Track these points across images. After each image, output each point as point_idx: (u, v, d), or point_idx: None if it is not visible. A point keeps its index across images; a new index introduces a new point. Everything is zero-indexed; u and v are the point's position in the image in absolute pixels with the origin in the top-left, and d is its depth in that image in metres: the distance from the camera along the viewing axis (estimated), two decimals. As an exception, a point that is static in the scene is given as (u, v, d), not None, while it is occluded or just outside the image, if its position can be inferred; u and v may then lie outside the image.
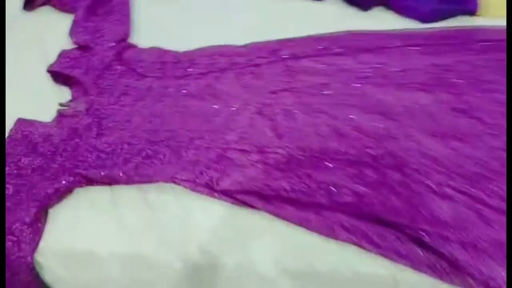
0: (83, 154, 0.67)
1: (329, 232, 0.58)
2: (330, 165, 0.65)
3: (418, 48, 0.80)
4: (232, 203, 0.62)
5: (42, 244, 0.60)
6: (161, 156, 0.67)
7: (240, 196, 0.62)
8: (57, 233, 0.62)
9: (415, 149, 0.66)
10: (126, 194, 0.65)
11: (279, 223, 0.61)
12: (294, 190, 0.62)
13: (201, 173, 0.65)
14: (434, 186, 0.61)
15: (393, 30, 0.85)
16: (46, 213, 0.62)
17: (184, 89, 0.77)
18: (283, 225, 0.60)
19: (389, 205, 0.60)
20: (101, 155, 0.67)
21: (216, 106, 0.74)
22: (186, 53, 0.83)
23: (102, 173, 0.64)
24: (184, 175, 0.64)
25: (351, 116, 0.71)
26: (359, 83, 0.76)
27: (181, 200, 0.64)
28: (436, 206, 0.59)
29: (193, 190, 0.64)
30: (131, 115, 0.73)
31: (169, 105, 0.74)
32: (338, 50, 0.81)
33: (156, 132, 0.71)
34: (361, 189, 0.62)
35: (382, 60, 0.79)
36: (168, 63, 0.81)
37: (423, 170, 0.63)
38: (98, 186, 0.65)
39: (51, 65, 0.81)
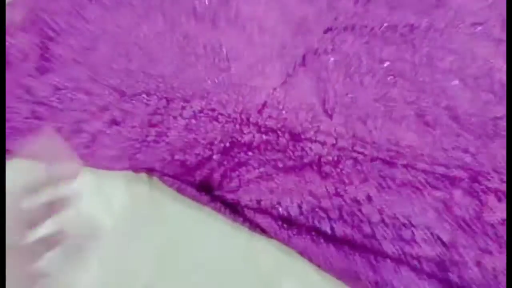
0: (10, 104, 0.41)
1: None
2: (412, 178, 0.39)
3: None
4: (239, 222, 0.39)
5: None
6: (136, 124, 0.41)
7: (253, 216, 0.38)
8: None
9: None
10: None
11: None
12: (342, 219, 0.38)
13: (197, 166, 0.40)
14: None
15: None
16: None
17: (187, 4, 0.47)
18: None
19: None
20: (39, 109, 0.41)
21: (233, 44, 0.45)
22: None
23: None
24: (170, 168, 0.39)
25: (452, 88, 0.43)
26: (476, 28, 0.46)
27: (156, 199, 0.41)
28: None
29: (182, 192, 0.39)
30: (98, 36, 0.45)
31: (161, 30, 0.46)
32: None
33: (133, 74, 0.43)
34: (454, 233, 0.37)
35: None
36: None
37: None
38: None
39: None
